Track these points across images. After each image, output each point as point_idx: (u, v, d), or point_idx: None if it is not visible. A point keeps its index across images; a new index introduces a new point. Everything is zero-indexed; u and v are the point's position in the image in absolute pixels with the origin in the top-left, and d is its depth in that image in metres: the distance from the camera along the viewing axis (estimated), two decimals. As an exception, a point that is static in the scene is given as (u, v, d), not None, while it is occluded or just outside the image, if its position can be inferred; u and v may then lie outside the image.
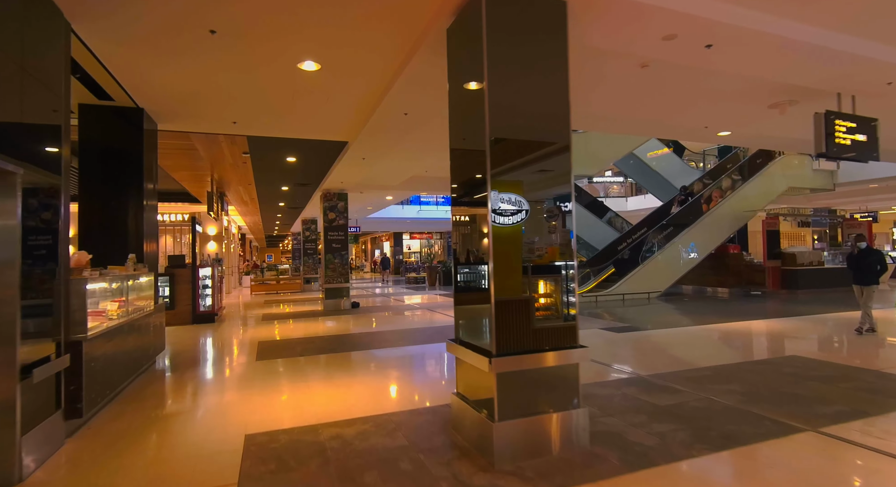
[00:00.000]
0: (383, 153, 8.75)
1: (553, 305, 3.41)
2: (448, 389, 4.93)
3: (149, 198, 6.39)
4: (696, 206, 14.76)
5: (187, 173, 10.42)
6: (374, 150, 8.47)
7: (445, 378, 5.46)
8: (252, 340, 8.07)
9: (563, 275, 3.43)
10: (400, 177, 11.64)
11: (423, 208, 28.41)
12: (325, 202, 12.52)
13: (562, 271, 3.40)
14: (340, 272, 12.53)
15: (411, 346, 7.23)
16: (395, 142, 7.88)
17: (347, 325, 9.71)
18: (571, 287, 3.41)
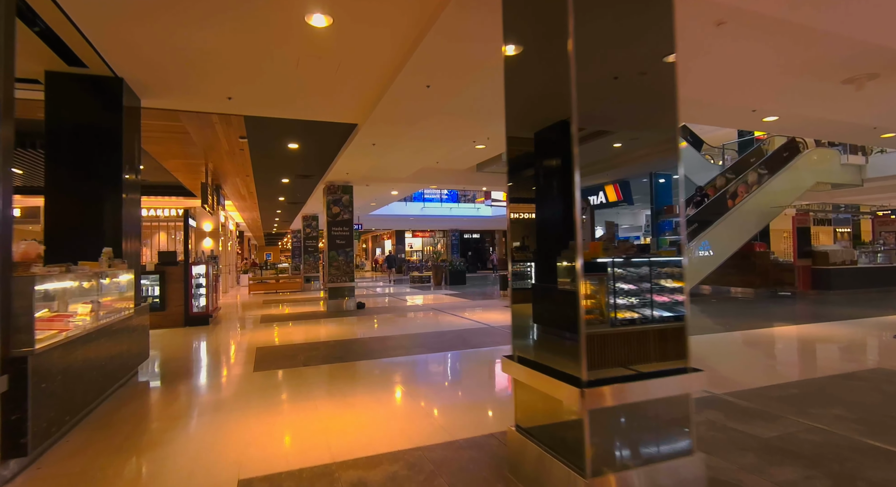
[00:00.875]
0: (396, 138, 7.90)
1: (639, 315, 2.56)
2: (488, 411, 4.07)
3: (129, 185, 5.52)
4: (721, 202, 13.92)
5: (179, 162, 9.55)
6: (386, 135, 7.61)
7: (482, 397, 4.60)
8: (249, 345, 7.21)
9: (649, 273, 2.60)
10: (410, 168, 10.79)
11: (427, 205, 27.58)
12: (329, 195, 11.66)
13: (648, 268, 2.56)
14: (345, 270, 11.67)
15: (431, 354, 6.37)
16: (412, 124, 7.03)
17: (354, 328, 8.85)
18: (673, 287, 2.56)
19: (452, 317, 9.88)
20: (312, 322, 9.85)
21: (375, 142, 7.95)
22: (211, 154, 8.93)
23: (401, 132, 7.63)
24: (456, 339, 7.35)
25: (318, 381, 5.05)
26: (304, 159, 9.70)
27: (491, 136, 9.15)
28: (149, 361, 5.98)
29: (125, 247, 5.24)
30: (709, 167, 18.25)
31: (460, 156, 11.16)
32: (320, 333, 8.31)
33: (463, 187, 13.36)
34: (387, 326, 9.12)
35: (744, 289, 14.61)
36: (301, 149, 8.77)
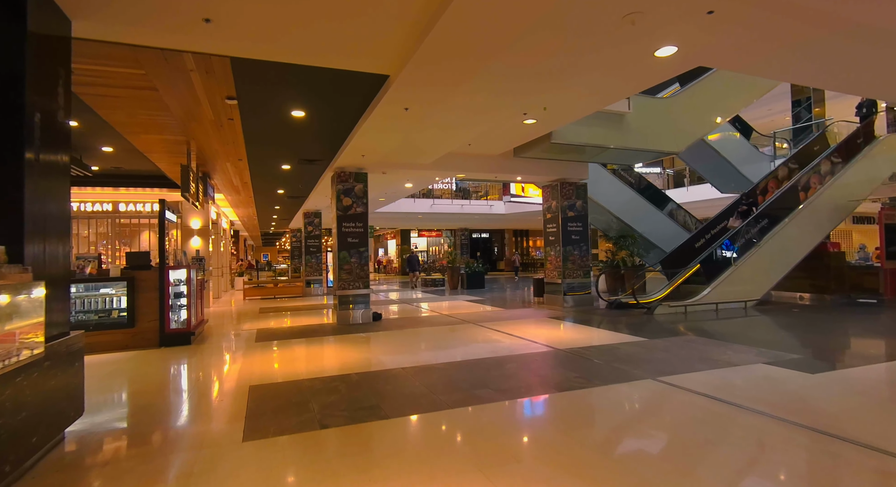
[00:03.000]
0: (433, 104, 5.96)
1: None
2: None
3: (46, 164, 3.52)
4: (791, 196, 12.00)
5: (153, 140, 7.57)
6: (424, 96, 5.66)
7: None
8: (239, 383, 5.23)
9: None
10: (437, 150, 8.81)
11: (437, 202, 25.63)
12: (340, 184, 9.67)
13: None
14: (358, 275, 9.68)
15: (512, 402, 4.40)
16: (459, 82, 5.11)
17: (377, 352, 6.87)
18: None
19: (495, 334, 7.91)
20: (321, 340, 7.86)
21: (409, 105, 5.97)
22: (192, 127, 6.94)
23: (441, 96, 5.70)
24: (525, 372, 5.38)
25: (353, 466, 3.07)
26: (312, 135, 7.71)
27: (550, 106, 7.20)
28: (82, 421, 3.98)
29: (31, 250, 3.25)
30: (758, 157, 16.34)
31: (498, 137, 9.19)
32: (335, 359, 6.32)
33: (494, 176, 11.40)
34: (419, 347, 7.14)
35: (816, 295, 12.69)
36: (309, 118, 6.79)
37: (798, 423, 3.58)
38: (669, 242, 14.53)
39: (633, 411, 4.05)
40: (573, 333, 7.89)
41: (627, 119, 9.99)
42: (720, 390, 4.48)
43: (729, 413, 3.88)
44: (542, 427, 3.79)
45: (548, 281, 12.13)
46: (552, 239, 11.97)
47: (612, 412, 4.06)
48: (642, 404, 4.19)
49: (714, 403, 4.11)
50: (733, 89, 11.30)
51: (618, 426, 3.80)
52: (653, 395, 4.42)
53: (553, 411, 4.15)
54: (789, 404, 4.05)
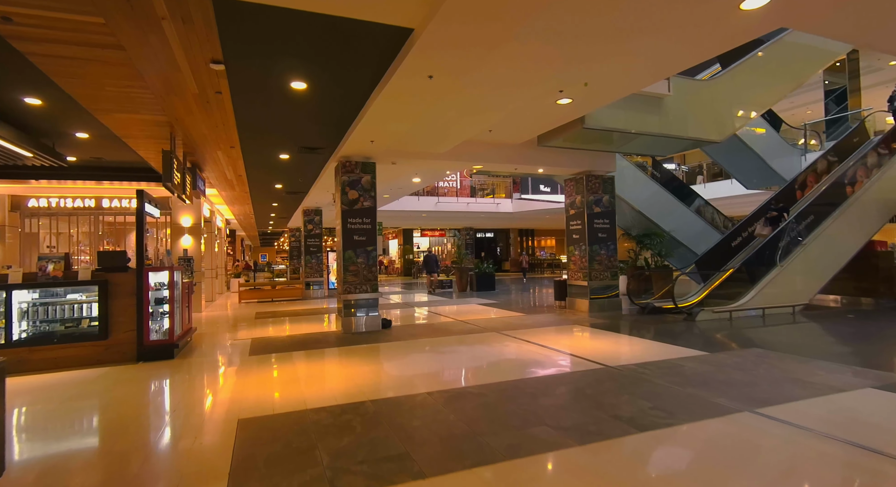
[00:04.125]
0: (461, 74, 4.93)
1: None
2: None
3: None
4: (837, 191, 10.97)
5: (128, 119, 6.48)
6: (451, 62, 4.62)
7: None
8: (227, 414, 4.18)
9: None
10: (456, 135, 7.76)
11: (442, 200, 24.57)
12: (345, 175, 8.61)
13: None
14: (366, 277, 8.61)
15: (584, 449, 3.34)
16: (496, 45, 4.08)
17: (394, 370, 5.81)
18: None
19: (527, 345, 6.86)
20: (325, 353, 6.80)
21: (434, 73, 4.92)
22: (174, 103, 5.87)
23: (472, 63, 4.69)
24: (584, 399, 4.32)
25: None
26: (314, 114, 6.65)
27: (594, 81, 6.18)
28: (23, 471, 2.93)
29: None
30: (789, 150, 15.31)
31: (524, 121, 8.15)
32: (343, 379, 5.25)
33: (514, 168, 10.35)
34: (442, 363, 6.07)
35: (855, 298, 11.67)
36: (311, 92, 5.72)
37: None
38: (697, 241, 13.49)
39: (757, 465, 3.00)
40: (616, 344, 6.84)
41: (666, 103, 8.95)
42: (849, 429, 3.44)
43: (890, 469, 2.84)
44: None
45: (571, 283, 11.09)
46: (576, 237, 10.93)
47: (729, 467, 3.02)
48: (760, 454, 3.15)
49: (860, 453, 3.07)
50: (780, 72, 10.26)
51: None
52: (764, 438, 3.37)
53: (645, 462, 3.09)
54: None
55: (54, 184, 11.64)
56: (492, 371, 5.56)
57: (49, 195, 11.84)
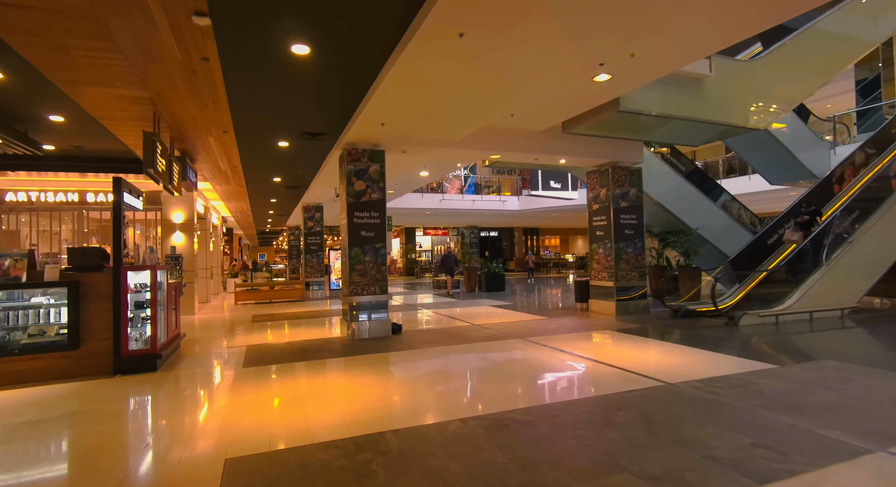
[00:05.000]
0: (505, 24, 4.05)
1: None
2: None
3: None
4: (883, 183, 10.13)
5: (104, 96, 5.60)
6: (494, 11, 3.76)
7: None
8: (212, 450, 3.31)
9: None
10: (475, 119, 6.90)
11: (447, 197, 23.73)
12: (350, 164, 7.74)
13: None
14: (374, 277, 7.74)
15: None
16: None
17: (415, 388, 4.94)
18: None
19: (561, 355, 5.99)
20: (331, 365, 5.92)
21: (465, 30, 4.06)
22: (154, 73, 4.99)
23: (511, 17, 3.85)
24: (659, 431, 3.46)
25: None
26: (319, 90, 5.78)
27: (641, 52, 5.34)
28: None
29: None
30: (817, 143, 14.47)
31: (551, 103, 7.28)
32: (356, 402, 4.38)
33: (534, 159, 9.50)
34: (470, 379, 5.20)
35: None
36: (316, 59, 4.86)
37: None
38: (723, 239, 12.66)
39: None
40: (663, 354, 5.98)
41: (705, 85, 8.10)
42: None
43: None
44: None
45: (594, 283, 10.23)
46: (600, 234, 10.07)
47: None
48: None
49: None
50: (825, 53, 9.41)
51: None
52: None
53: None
54: None
55: (34, 176, 10.76)
56: (531, 389, 4.69)
57: (29, 188, 10.95)
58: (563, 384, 4.79)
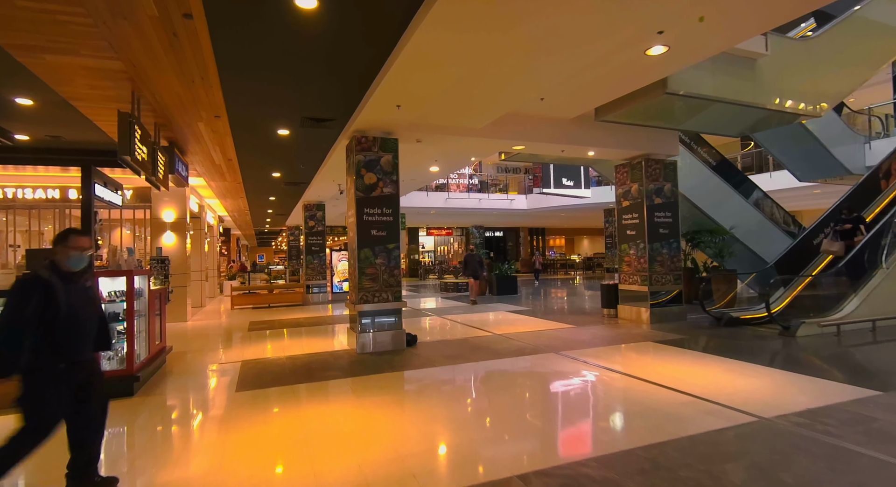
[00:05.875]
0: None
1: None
2: None
3: None
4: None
5: (68, 66, 4.68)
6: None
7: None
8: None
9: None
10: (502, 103, 6.00)
11: (452, 196, 22.83)
12: (360, 153, 6.83)
13: None
14: (387, 282, 6.84)
15: None
16: None
17: (452, 426, 4.03)
18: None
19: (609, 376, 5.09)
20: (341, 389, 5.01)
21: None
22: (124, 34, 4.08)
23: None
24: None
25: None
26: (328, 57, 4.87)
27: (710, 15, 4.50)
28: None
29: None
30: (851, 137, 13.58)
31: (589, 83, 6.38)
32: (378, 446, 3.46)
33: (560, 150, 8.61)
34: (515, 411, 4.28)
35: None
36: (324, 16, 3.95)
37: None
38: (757, 239, 11.77)
39: None
40: (736, 376, 5.07)
41: (759, 66, 7.21)
42: None
43: None
44: None
45: (624, 287, 9.32)
46: (631, 233, 9.17)
47: None
48: None
49: None
50: (887, 30, 8.50)
51: None
52: None
53: None
54: None
55: (10, 170, 9.83)
56: (596, 426, 3.79)
57: (5, 184, 10.01)
58: (632, 419, 3.89)
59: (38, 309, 2.52)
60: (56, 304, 2.57)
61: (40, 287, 2.57)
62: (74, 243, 2.72)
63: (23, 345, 2.48)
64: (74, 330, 2.68)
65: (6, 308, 2.53)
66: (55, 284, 2.60)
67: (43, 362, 2.57)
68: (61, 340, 2.62)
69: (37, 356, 2.54)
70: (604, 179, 21.67)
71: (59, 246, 2.72)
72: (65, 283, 2.67)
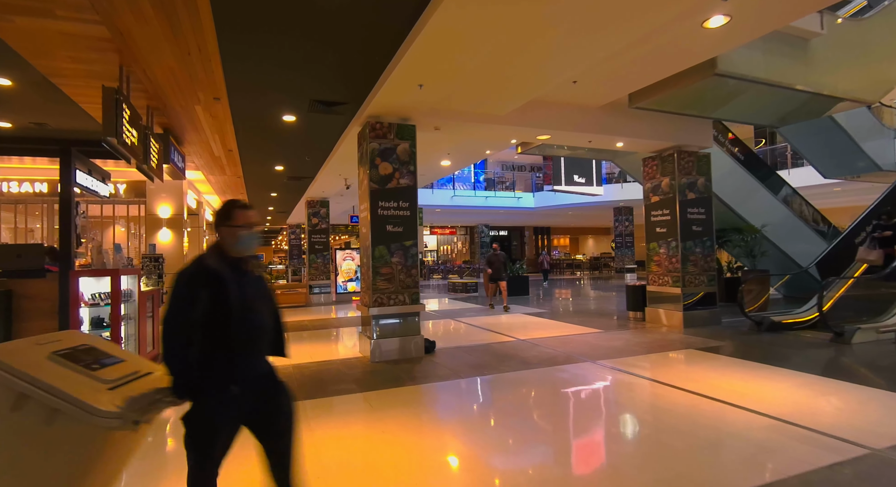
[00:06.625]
0: None
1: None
2: None
3: None
4: None
5: (39, 29, 4.05)
6: None
7: None
8: None
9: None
10: (539, 82, 5.37)
11: (458, 194, 22.19)
12: (374, 141, 6.19)
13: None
14: (404, 283, 6.20)
15: None
16: None
17: (508, 471, 3.40)
18: None
19: (665, 391, 4.46)
20: (358, 410, 4.36)
21: None
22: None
23: None
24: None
25: None
26: (344, 25, 4.22)
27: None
28: None
29: None
30: (881, 131, 12.93)
31: (629, 64, 5.75)
32: (415, 478, 2.83)
33: (587, 141, 7.99)
34: (576, 443, 3.65)
35: None
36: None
37: None
38: (787, 238, 11.15)
39: None
40: (811, 392, 4.43)
41: (813, 46, 6.57)
42: None
43: None
44: None
45: (653, 289, 8.68)
46: (661, 230, 8.53)
47: None
48: None
49: None
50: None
51: None
52: None
53: None
54: None
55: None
56: (679, 460, 3.15)
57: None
58: (719, 450, 3.26)
59: (207, 309, 1.90)
60: (227, 301, 1.93)
61: (208, 278, 1.93)
62: (241, 218, 2.05)
63: (191, 357, 1.88)
64: (251, 334, 2.02)
65: (169, 310, 1.90)
66: (225, 275, 1.96)
67: (216, 379, 1.93)
68: (236, 348, 1.96)
69: (207, 371, 1.91)
70: (616, 176, 21.07)
71: (224, 226, 2.05)
72: (236, 273, 2.01)
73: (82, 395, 1.73)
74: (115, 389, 1.87)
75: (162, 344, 1.91)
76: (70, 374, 1.85)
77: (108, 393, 1.82)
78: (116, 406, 1.76)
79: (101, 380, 1.88)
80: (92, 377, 1.88)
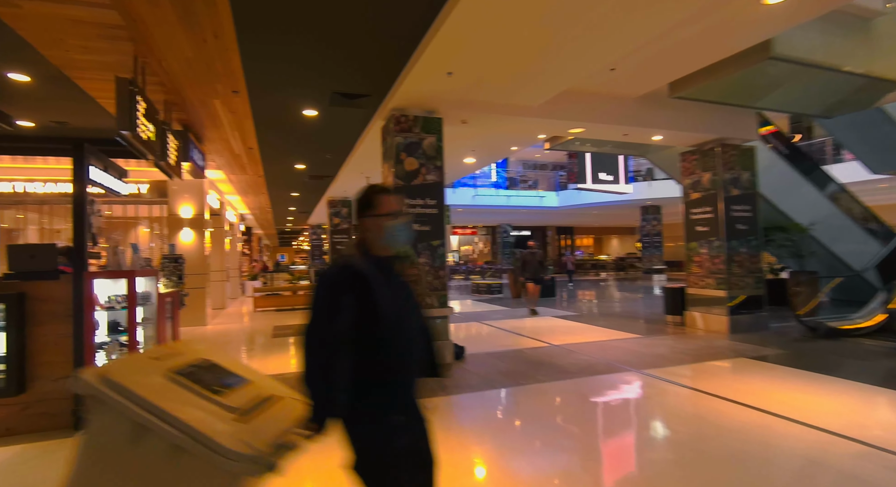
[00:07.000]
0: None
1: None
2: None
3: None
4: None
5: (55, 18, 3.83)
6: None
7: None
8: None
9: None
10: (578, 68, 4.97)
11: (480, 193, 21.80)
12: (399, 134, 5.85)
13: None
14: (432, 285, 5.86)
15: None
16: None
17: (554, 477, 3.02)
18: None
19: (735, 411, 4.01)
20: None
21: None
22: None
23: None
24: None
25: None
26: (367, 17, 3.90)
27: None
28: None
29: None
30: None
31: (674, 48, 5.29)
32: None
33: (623, 134, 7.57)
34: (653, 477, 3.26)
35: None
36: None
37: None
38: (835, 238, 10.43)
39: None
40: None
41: (875, 27, 6.00)
42: None
43: None
44: None
45: (693, 292, 8.16)
46: (702, 229, 8.00)
47: None
48: None
49: None
50: None
51: None
52: None
53: None
54: None
55: (19, 162, 9.19)
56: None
57: (13, 177, 9.36)
58: (807, 483, 2.82)
59: (355, 319, 1.55)
60: (375, 309, 1.56)
61: (353, 281, 1.57)
62: (386, 205, 1.67)
63: (338, 375, 1.53)
64: (408, 350, 1.67)
65: (311, 319, 1.55)
66: (372, 278, 1.59)
67: (371, 407, 1.57)
68: (393, 367, 1.62)
69: (361, 394, 1.56)
70: (643, 174, 20.40)
71: (367, 216, 1.69)
72: (385, 275, 1.64)
73: (212, 431, 1.37)
74: (245, 419, 1.51)
75: (301, 363, 1.53)
76: (193, 399, 1.49)
77: (235, 425, 1.46)
78: (249, 447, 1.38)
79: (228, 408, 1.51)
80: (218, 403, 1.52)
